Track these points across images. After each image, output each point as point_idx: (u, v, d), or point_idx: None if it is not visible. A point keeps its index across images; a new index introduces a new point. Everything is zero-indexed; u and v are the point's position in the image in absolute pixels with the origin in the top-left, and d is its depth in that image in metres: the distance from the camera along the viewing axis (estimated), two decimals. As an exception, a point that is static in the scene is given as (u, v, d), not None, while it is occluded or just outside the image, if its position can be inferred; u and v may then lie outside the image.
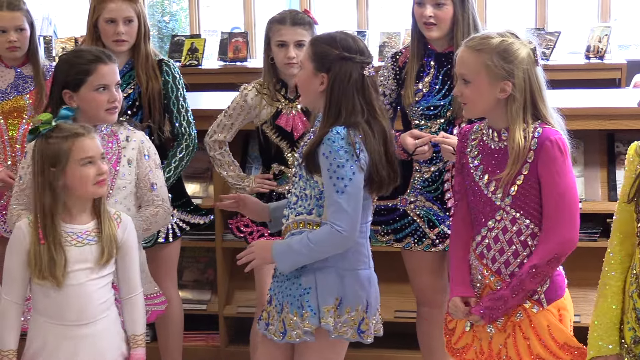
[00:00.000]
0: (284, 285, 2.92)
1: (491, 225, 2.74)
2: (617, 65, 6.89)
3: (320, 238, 2.81)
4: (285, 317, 2.89)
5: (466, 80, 2.69)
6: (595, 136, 4.17)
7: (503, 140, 2.72)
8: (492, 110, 2.71)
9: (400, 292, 4.12)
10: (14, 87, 3.97)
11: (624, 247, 2.59)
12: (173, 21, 12.58)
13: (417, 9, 3.41)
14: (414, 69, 3.45)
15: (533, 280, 2.66)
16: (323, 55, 2.85)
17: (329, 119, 2.84)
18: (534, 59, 2.69)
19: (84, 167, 2.82)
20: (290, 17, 3.58)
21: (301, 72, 2.91)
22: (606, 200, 4.06)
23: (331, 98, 2.85)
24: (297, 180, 2.92)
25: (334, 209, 2.79)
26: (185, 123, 3.70)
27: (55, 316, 2.85)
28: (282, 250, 2.86)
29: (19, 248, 2.84)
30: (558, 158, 2.65)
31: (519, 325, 2.73)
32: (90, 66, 3.11)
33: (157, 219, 3.24)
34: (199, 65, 7.69)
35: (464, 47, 2.72)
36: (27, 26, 3.96)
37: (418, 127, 3.46)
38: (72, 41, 7.77)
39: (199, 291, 4.58)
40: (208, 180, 4.53)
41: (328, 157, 2.79)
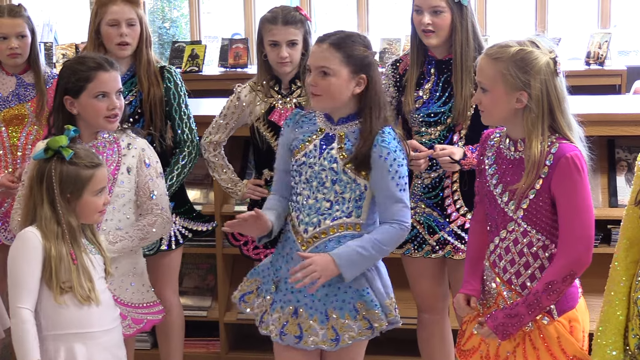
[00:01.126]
0: (322, 292, 2.94)
1: (503, 236, 2.73)
2: (617, 71, 6.90)
3: (391, 238, 2.93)
4: (335, 323, 2.95)
5: (484, 88, 2.67)
6: (596, 142, 4.15)
7: (519, 151, 2.69)
8: (510, 119, 2.68)
9: (401, 298, 4.08)
10: (15, 95, 3.97)
11: (630, 253, 2.59)
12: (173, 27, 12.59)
13: (416, 16, 3.42)
14: (414, 76, 3.46)
15: (549, 297, 2.62)
16: (359, 58, 2.90)
17: (372, 119, 2.90)
18: (554, 69, 2.65)
19: (96, 197, 2.86)
20: (282, 17, 3.57)
21: (331, 80, 2.88)
22: (607, 206, 4.06)
23: (371, 98, 2.92)
24: (329, 187, 2.93)
25: (400, 206, 2.92)
26: (187, 130, 3.70)
27: (77, 327, 2.84)
28: (350, 259, 2.88)
29: (32, 253, 2.80)
30: (574, 175, 2.60)
31: (529, 336, 2.71)
32: (90, 73, 3.11)
33: (155, 228, 3.23)
34: (200, 72, 7.69)
35: (484, 55, 2.69)
36: (28, 33, 3.97)
37: (418, 134, 3.46)
38: (73, 47, 7.78)
39: (200, 297, 4.58)
40: (208, 187, 4.53)
41: (387, 158, 2.88)
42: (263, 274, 3.12)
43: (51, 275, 2.79)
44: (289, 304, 3.00)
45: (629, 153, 4.15)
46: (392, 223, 2.92)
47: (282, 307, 3.01)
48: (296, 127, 3.05)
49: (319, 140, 2.97)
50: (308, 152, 2.98)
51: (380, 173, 2.89)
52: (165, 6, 12.77)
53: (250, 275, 3.16)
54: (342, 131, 2.96)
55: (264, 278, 3.11)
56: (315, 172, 2.95)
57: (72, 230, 2.84)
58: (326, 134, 2.98)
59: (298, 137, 3.03)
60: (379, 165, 2.89)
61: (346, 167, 2.91)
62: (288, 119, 3.10)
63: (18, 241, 2.85)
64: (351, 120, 2.96)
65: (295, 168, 3.01)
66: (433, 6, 3.35)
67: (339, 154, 2.93)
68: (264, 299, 3.08)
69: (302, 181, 2.99)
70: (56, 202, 2.81)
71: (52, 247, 2.80)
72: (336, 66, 2.88)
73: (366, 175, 2.92)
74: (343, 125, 2.96)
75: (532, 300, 2.63)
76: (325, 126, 3.00)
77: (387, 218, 2.94)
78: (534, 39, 2.68)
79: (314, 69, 2.92)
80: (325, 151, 2.95)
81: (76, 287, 2.81)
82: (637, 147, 4.14)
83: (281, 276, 3.03)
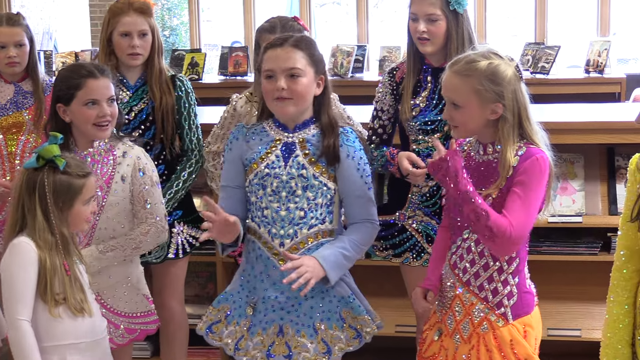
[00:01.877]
0: (307, 305, 2.91)
1: (466, 236, 2.78)
2: (617, 79, 6.91)
3: (367, 238, 2.94)
4: (325, 335, 2.90)
5: (456, 104, 2.71)
6: (595, 150, 4.17)
7: (488, 154, 2.75)
8: (482, 129, 2.74)
9: (400, 306, 4.11)
10: (14, 103, 3.97)
11: (631, 263, 2.60)
12: (173, 35, 12.62)
13: (412, 23, 3.42)
14: (411, 84, 3.46)
15: (468, 207, 2.61)
16: (319, 58, 2.93)
17: (330, 115, 2.92)
18: (519, 76, 2.72)
19: (86, 206, 2.86)
20: (280, 27, 3.58)
21: (302, 81, 2.85)
22: (607, 214, 4.06)
23: (327, 99, 2.94)
24: (301, 194, 2.88)
25: (369, 205, 2.93)
26: (195, 139, 3.72)
27: (71, 338, 2.83)
28: (335, 260, 2.85)
29: (28, 263, 2.78)
30: (535, 173, 2.65)
31: (483, 337, 2.75)
32: (80, 81, 3.10)
33: (148, 238, 3.20)
34: (200, 80, 7.71)
35: (451, 72, 2.71)
36: (27, 42, 3.97)
37: (416, 142, 3.45)
38: (73, 56, 7.79)
39: (200, 306, 4.57)
40: (209, 195, 4.52)
41: (354, 157, 2.89)
42: (233, 299, 3.00)
43: (46, 288, 2.77)
44: (272, 323, 2.92)
45: (629, 161, 4.14)
46: (364, 222, 2.92)
47: (265, 328, 2.92)
48: (247, 139, 2.97)
49: (279, 151, 2.92)
50: (271, 163, 2.90)
51: (349, 172, 2.88)
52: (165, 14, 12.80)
53: (217, 304, 3.03)
54: (302, 137, 2.93)
55: (234, 303, 2.99)
56: (283, 181, 2.89)
57: (65, 240, 2.82)
58: (284, 142, 2.93)
59: (252, 149, 2.94)
60: (347, 164, 2.88)
61: (316, 171, 2.88)
62: (235, 132, 3.01)
63: (12, 251, 2.81)
64: (307, 125, 2.94)
65: (257, 182, 2.91)
66: (428, 14, 3.36)
67: (306, 160, 2.90)
68: (238, 325, 2.97)
69: (268, 194, 2.90)
70: (49, 212, 2.80)
71: (47, 258, 2.78)
72: (304, 66, 2.85)
73: (334, 178, 2.90)
74: (301, 131, 2.93)
75: (469, 198, 2.60)
76: (281, 136, 2.94)
77: (358, 217, 2.92)
78: (493, 50, 2.74)
79: (281, 72, 2.83)
80: (290, 159, 2.90)
81: (69, 298, 2.80)
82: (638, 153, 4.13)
83: (258, 296, 2.94)
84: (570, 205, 4.08)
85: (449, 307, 2.82)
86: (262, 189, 2.91)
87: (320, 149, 2.89)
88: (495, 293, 2.75)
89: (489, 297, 2.75)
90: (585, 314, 4.10)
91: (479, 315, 2.75)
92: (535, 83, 6.81)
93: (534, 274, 2.88)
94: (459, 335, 2.79)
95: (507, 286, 2.74)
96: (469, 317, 2.77)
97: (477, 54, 2.71)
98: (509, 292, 2.74)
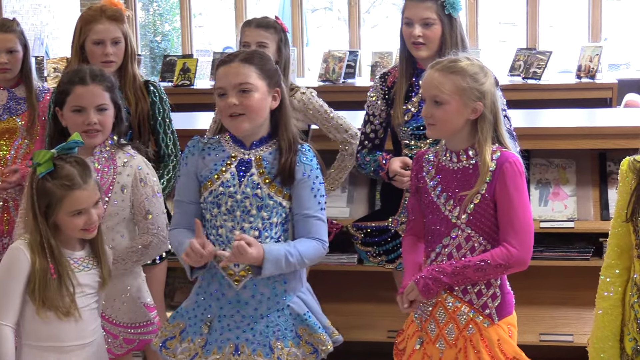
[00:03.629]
0: (262, 324, 2.86)
1: (446, 242, 2.80)
2: (608, 84, 6.92)
3: (312, 253, 2.86)
4: (281, 353, 2.85)
5: (438, 101, 2.76)
6: (587, 155, 4.18)
7: (461, 161, 2.79)
8: (459, 131, 2.78)
9: (392, 312, 4.09)
10: (7, 109, 3.96)
11: (621, 260, 2.65)
12: (165, 41, 12.61)
13: (406, 29, 3.42)
14: (403, 89, 3.46)
15: (476, 273, 2.73)
16: (272, 71, 2.88)
17: (289, 132, 2.87)
18: (496, 81, 2.81)
19: (73, 218, 2.81)
20: (256, 20, 3.67)
21: (254, 95, 2.80)
22: (598, 219, 4.06)
23: (285, 112, 2.90)
24: (255, 214, 2.83)
25: (321, 225, 2.87)
26: (171, 144, 3.70)
27: (54, 340, 2.83)
28: (277, 259, 2.77)
29: (21, 272, 2.79)
30: (516, 179, 2.73)
31: (470, 339, 2.78)
32: (69, 86, 3.09)
33: (149, 249, 3.17)
34: (191, 85, 7.69)
35: (435, 70, 2.78)
36: (20, 48, 3.96)
37: (408, 147, 3.46)
38: (64, 61, 7.77)
39: (191, 312, 4.55)
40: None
41: (310, 175, 2.85)
42: (188, 316, 2.95)
43: (34, 289, 2.77)
44: (228, 342, 2.88)
45: (620, 166, 4.16)
46: (315, 240, 2.86)
47: (220, 347, 2.87)
48: (202, 155, 2.91)
49: (235, 168, 2.87)
50: (225, 182, 2.85)
51: (302, 191, 2.84)
52: (157, 20, 12.80)
53: (172, 319, 2.98)
54: (258, 154, 2.87)
55: (189, 320, 2.94)
56: (238, 201, 2.83)
57: (50, 244, 2.80)
58: (240, 160, 2.87)
59: (208, 166, 2.89)
60: (302, 183, 2.83)
61: (271, 190, 2.83)
62: (191, 146, 2.95)
63: (9, 255, 2.84)
64: (265, 143, 2.88)
65: (211, 200, 2.86)
66: (424, 18, 3.36)
67: (261, 179, 2.84)
68: (192, 343, 2.91)
69: (222, 212, 2.85)
70: (37, 215, 2.80)
71: (37, 260, 2.78)
72: (254, 81, 2.81)
73: (289, 196, 2.86)
74: (257, 148, 2.88)
75: (460, 266, 2.74)
76: (237, 152, 2.88)
77: (307, 235, 2.85)
78: (469, 56, 2.83)
79: (232, 88, 2.80)
80: (245, 178, 2.85)
81: (54, 302, 2.78)
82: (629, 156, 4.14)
83: (213, 315, 2.90)
84: (562, 211, 4.08)
85: (429, 315, 2.83)
86: (217, 207, 2.86)
87: (276, 168, 2.84)
88: (479, 295, 2.79)
89: (473, 299, 2.79)
90: (577, 319, 4.10)
91: (464, 318, 2.79)
92: (526, 88, 6.83)
93: (526, 279, 2.90)
94: (443, 340, 2.81)
95: (490, 288, 2.80)
96: (453, 321, 2.80)
97: (457, 56, 2.80)
98: (493, 293, 2.80)
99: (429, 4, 3.37)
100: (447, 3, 3.36)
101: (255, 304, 2.86)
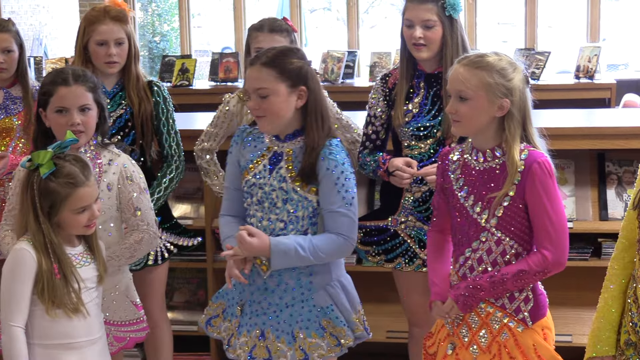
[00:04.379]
0: (287, 313, 2.94)
1: (475, 247, 2.75)
2: (607, 85, 6.93)
3: (333, 249, 2.89)
4: (303, 343, 2.92)
5: (463, 97, 2.69)
6: (586, 156, 4.18)
7: (487, 161, 2.73)
8: (484, 128, 2.72)
9: (392, 312, 4.11)
10: (3, 108, 3.96)
11: (628, 253, 2.65)
12: (164, 41, 12.61)
13: (407, 30, 3.42)
14: (404, 90, 3.46)
15: (515, 283, 2.69)
16: (294, 71, 2.88)
17: (316, 131, 2.89)
18: (526, 79, 2.73)
19: (78, 215, 2.83)
20: (268, 25, 3.65)
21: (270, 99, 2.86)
22: (597, 219, 4.06)
23: (313, 109, 2.91)
24: (281, 207, 2.91)
25: (344, 220, 2.88)
26: (174, 145, 3.70)
27: (63, 338, 2.84)
28: (284, 250, 2.83)
29: (28, 273, 2.80)
30: (546, 180, 2.67)
31: (505, 345, 2.73)
32: (52, 87, 3.08)
33: (142, 245, 3.19)
34: (190, 86, 7.70)
35: (460, 65, 2.72)
36: (16, 48, 3.96)
37: (408, 148, 3.45)
38: (63, 62, 7.77)
39: (190, 312, 4.56)
40: (199, 201, 4.51)
41: (335, 171, 2.87)
42: (228, 297, 3.08)
43: (43, 289, 2.79)
44: (255, 327, 2.98)
45: (619, 166, 4.16)
46: (338, 235, 2.89)
47: (249, 330, 2.99)
48: (244, 145, 3.02)
49: (268, 160, 2.95)
50: (257, 173, 2.95)
51: (327, 186, 2.87)
52: (156, 20, 12.80)
53: (215, 299, 3.13)
54: (290, 148, 2.94)
55: (228, 301, 3.07)
56: (266, 193, 2.92)
57: (53, 244, 2.82)
58: (274, 152, 2.96)
59: (246, 156, 3.00)
60: (326, 178, 2.87)
61: (295, 185, 2.89)
62: (236, 135, 3.06)
63: (13, 257, 2.84)
64: (297, 137, 2.94)
65: (246, 189, 2.98)
66: (425, 20, 3.36)
67: (288, 173, 2.91)
68: (230, 323, 3.05)
69: (254, 203, 2.96)
70: (39, 216, 2.80)
71: (43, 261, 2.79)
72: (272, 85, 2.85)
73: (316, 191, 2.90)
74: (290, 142, 2.94)
75: (499, 279, 2.69)
76: (273, 144, 2.97)
77: (331, 231, 2.90)
78: (498, 52, 2.76)
79: (252, 92, 2.89)
80: (274, 171, 2.92)
81: (60, 300, 2.80)
82: (627, 160, 4.14)
83: (245, 299, 3.01)
84: (561, 211, 4.07)
85: (462, 319, 2.79)
86: (250, 197, 2.97)
87: (301, 165, 2.90)
88: (512, 299, 2.74)
89: (506, 304, 2.74)
90: (576, 319, 4.10)
91: (497, 323, 2.74)
92: (525, 89, 6.82)
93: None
94: (476, 346, 2.76)
95: (522, 291, 2.74)
96: (486, 326, 2.75)
97: (486, 52, 2.73)
98: (525, 296, 2.75)
99: (429, 5, 3.36)
100: (448, 4, 3.36)
101: (280, 292, 2.95)
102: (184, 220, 4.20)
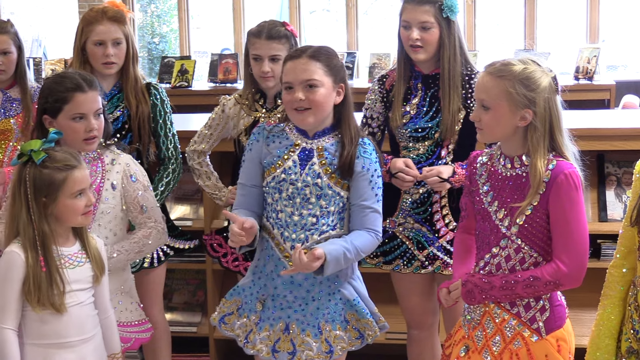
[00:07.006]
0: (314, 306, 2.97)
1: (495, 252, 2.73)
2: (606, 86, 6.93)
3: (368, 246, 2.96)
4: (329, 335, 2.97)
5: (485, 106, 2.66)
6: (585, 157, 4.17)
7: (515, 168, 2.69)
8: (509, 137, 2.68)
9: (390, 314, 4.08)
10: (1, 110, 3.96)
11: (627, 260, 2.65)
12: (163, 43, 12.60)
13: (404, 31, 3.41)
14: (401, 92, 3.45)
15: (525, 289, 2.65)
16: (337, 67, 2.95)
17: (351, 128, 2.95)
18: (555, 88, 2.67)
19: (75, 200, 2.82)
20: (267, 31, 3.57)
21: (319, 91, 2.89)
22: (596, 220, 4.06)
23: (348, 108, 2.98)
24: (314, 202, 2.94)
25: (376, 217, 2.97)
26: (172, 147, 3.69)
27: (56, 337, 2.84)
28: (336, 257, 2.85)
29: (17, 275, 2.80)
30: (571, 192, 2.62)
31: (517, 354, 2.70)
32: (67, 94, 3.06)
33: (151, 240, 3.20)
34: (189, 87, 7.70)
35: (485, 72, 2.68)
36: (14, 49, 3.96)
37: (406, 149, 3.45)
38: (62, 63, 7.77)
39: (190, 313, 4.57)
40: (198, 203, 4.52)
41: (369, 169, 2.94)
42: (244, 294, 3.09)
43: (29, 287, 2.79)
44: (279, 320, 3.00)
45: (618, 168, 4.16)
46: (368, 231, 2.95)
47: (272, 324, 3.01)
48: (267, 142, 3.02)
49: (297, 155, 2.97)
50: (287, 169, 2.96)
51: (361, 183, 2.93)
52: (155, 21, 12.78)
53: (230, 296, 3.12)
54: (320, 145, 2.97)
55: (245, 298, 3.08)
56: (298, 188, 2.94)
57: (44, 236, 2.80)
58: (303, 148, 2.98)
59: (272, 153, 3.00)
60: (361, 175, 2.93)
61: (330, 181, 2.92)
62: (256, 133, 3.06)
63: (5, 261, 2.83)
64: (327, 134, 2.98)
65: (273, 185, 2.97)
66: (422, 22, 3.36)
67: (322, 169, 2.94)
68: (248, 319, 3.05)
69: (283, 198, 2.96)
70: (30, 207, 2.79)
71: (29, 257, 2.78)
72: (321, 77, 2.90)
73: (347, 187, 2.95)
74: (320, 139, 2.98)
75: (510, 281, 2.66)
76: (301, 140, 2.99)
77: (362, 226, 2.95)
78: (533, 58, 2.69)
79: (299, 83, 2.89)
80: (307, 167, 2.95)
81: (44, 295, 2.79)
82: (626, 161, 4.14)
83: (267, 294, 3.02)
84: (560, 212, 4.07)
85: (478, 323, 2.77)
86: (278, 192, 2.97)
87: (337, 160, 2.93)
88: (527, 308, 2.71)
89: (521, 312, 2.71)
90: (575, 320, 4.05)
91: (511, 331, 2.71)
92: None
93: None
94: (489, 351, 2.74)
95: (539, 301, 2.70)
96: (500, 333, 2.72)
97: (515, 58, 2.67)
98: (542, 306, 2.71)
99: (427, 7, 3.36)
100: (445, 6, 3.35)
101: (307, 286, 2.98)
102: (183, 221, 4.20)
